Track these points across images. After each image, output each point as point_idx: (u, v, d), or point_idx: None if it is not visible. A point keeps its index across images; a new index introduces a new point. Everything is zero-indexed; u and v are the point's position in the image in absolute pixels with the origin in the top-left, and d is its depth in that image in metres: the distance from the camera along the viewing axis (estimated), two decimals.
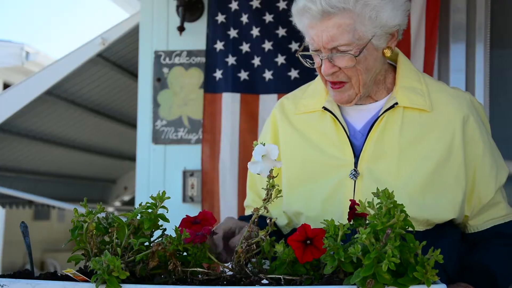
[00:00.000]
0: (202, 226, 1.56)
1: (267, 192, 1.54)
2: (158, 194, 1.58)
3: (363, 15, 1.67)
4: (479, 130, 1.77)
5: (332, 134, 1.81)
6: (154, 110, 3.78)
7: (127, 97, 5.61)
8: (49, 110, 5.11)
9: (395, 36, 1.76)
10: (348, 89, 1.75)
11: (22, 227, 1.64)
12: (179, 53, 3.78)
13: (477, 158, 1.76)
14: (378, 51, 1.74)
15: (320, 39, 1.69)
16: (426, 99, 1.78)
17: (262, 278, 1.41)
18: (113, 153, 7.14)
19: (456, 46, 3.33)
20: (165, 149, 3.78)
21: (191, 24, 3.72)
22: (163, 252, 1.44)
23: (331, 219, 1.42)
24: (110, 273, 1.36)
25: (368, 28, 1.68)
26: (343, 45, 1.68)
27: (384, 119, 1.77)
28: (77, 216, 1.56)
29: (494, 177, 1.78)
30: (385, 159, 1.74)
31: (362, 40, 1.68)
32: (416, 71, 1.85)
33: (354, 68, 1.71)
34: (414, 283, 1.27)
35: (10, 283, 1.43)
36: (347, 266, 1.33)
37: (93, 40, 4.23)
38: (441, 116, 1.76)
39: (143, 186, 3.76)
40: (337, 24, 1.66)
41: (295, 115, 1.90)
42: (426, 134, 1.75)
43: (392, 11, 1.70)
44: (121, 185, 8.30)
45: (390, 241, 1.24)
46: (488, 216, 1.80)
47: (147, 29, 3.83)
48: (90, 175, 7.61)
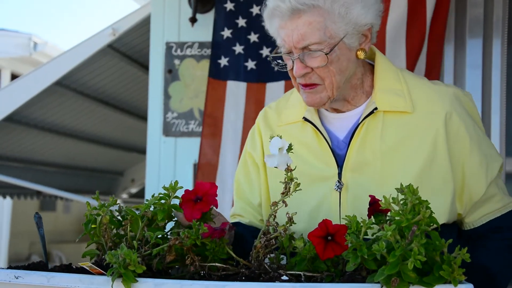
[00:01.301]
0: (205, 203, 1.53)
1: (285, 185, 1.51)
2: (170, 184, 1.56)
3: (333, 12, 1.63)
4: (464, 125, 1.71)
5: (315, 146, 1.77)
6: (165, 102, 3.76)
7: (136, 89, 5.57)
8: (58, 101, 5.08)
9: (368, 37, 1.71)
10: (320, 91, 1.70)
11: (36, 218, 1.61)
12: (190, 44, 3.75)
13: (464, 155, 1.70)
14: (351, 52, 1.69)
15: (290, 39, 1.65)
16: (407, 100, 1.72)
17: (282, 274, 1.37)
18: (121, 145, 7.12)
19: (473, 41, 3.27)
20: (175, 141, 3.75)
21: (203, 16, 3.69)
22: (180, 246, 1.41)
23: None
24: (126, 267, 1.33)
25: (339, 25, 1.65)
26: (314, 44, 1.64)
27: (365, 126, 1.72)
28: (90, 209, 1.53)
29: (484, 173, 1.71)
30: (369, 168, 1.69)
31: (334, 38, 1.64)
32: (395, 69, 1.79)
33: (327, 69, 1.67)
34: (440, 282, 1.23)
35: (25, 275, 1.40)
36: (370, 264, 1.30)
37: (103, 30, 4.20)
38: (423, 117, 1.71)
39: (153, 179, 3.74)
40: (307, 22, 1.63)
41: (278, 126, 1.86)
42: (409, 137, 1.70)
43: (363, 9, 1.66)
44: (128, 177, 8.28)
45: (416, 238, 1.20)
46: (483, 211, 1.74)
47: (159, 20, 3.80)
48: (97, 166, 7.60)
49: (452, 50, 3.28)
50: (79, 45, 4.29)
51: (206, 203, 1.52)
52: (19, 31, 9.37)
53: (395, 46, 3.07)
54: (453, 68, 3.28)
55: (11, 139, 5.46)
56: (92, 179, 7.69)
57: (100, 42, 4.24)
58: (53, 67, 4.48)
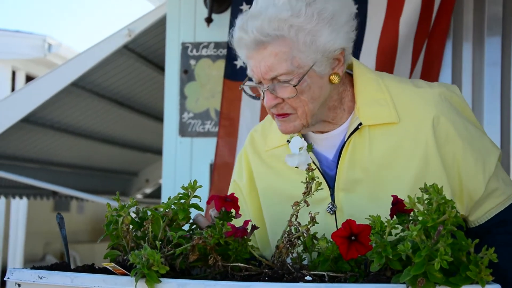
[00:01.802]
0: (233, 204, 1.55)
1: (307, 185, 1.50)
2: (189, 183, 1.56)
3: (299, 41, 1.56)
4: (453, 126, 1.65)
5: (304, 171, 1.71)
6: (181, 102, 3.76)
7: (151, 89, 5.59)
8: (74, 102, 5.11)
9: (341, 60, 1.64)
10: (294, 120, 1.65)
11: (58, 218, 1.62)
12: (206, 45, 3.75)
13: (458, 157, 1.64)
14: (323, 79, 1.62)
15: (258, 70, 1.60)
16: (391, 110, 1.66)
17: (306, 275, 1.37)
18: (135, 146, 7.15)
19: (492, 39, 3.23)
20: (191, 141, 3.75)
21: (218, 16, 3.68)
22: (204, 245, 1.41)
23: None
24: (150, 267, 1.33)
25: (307, 54, 1.58)
26: (283, 75, 1.58)
27: (351, 143, 1.67)
28: (110, 210, 1.53)
29: (481, 171, 1.66)
30: (361, 185, 1.65)
31: (303, 68, 1.58)
32: (375, 77, 1.72)
33: (298, 99, 1.61)
34: (466, 283, 1.22)
35: (49, 275, 1.40)
36: (395, 264, 1.29)
37: (119, 31, 4.21)
38: (410, 125, 1.65)
39: (169, 179, 3.74)
40: (274, 53, 1.57)
41: (265, 152, 1.82)
42: (398, 149, 1.65)
43: (331, 34, 1.59)
44: (142, 178, 8.32)
45: (441, 238, 1.19)
46: (486, 207, 1.70)
47: (174, 21, 3.80)
48: (112, 167, 7.63)
49: (470, 48, 3.25)
50: (95, 46, 4.31)
51: (234, 204, 1.54)
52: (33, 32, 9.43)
53: (406, 43, 3.05)
54: (471, 66, 3.25)
55: (27, 140, 5.49)
56: (107, 180, 7.73)
57: (116, 43, 4.25)
58: (69, 68, 4.50)
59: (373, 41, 3.03)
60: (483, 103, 3.23)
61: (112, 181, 7.91)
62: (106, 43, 4.30)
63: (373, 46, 3.02)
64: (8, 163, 5.58)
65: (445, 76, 3.21)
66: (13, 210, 8.71)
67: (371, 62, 2.99)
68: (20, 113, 4.73)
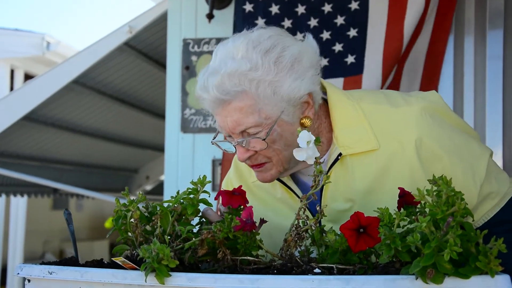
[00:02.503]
0: (242, 198, 1.54)
1: (314, 178, 1.51)
2: (199, 178, 1.55)
3: (261, 93, 1.54)
4: (437, 144, 1.60)
5: (288, 201, 1.71)
6: (183, 99, 3.76)
7: (152, 86, 5.59)
8: (75, 99, 5.11)
9: (311, 103, 1.60)
10: (270, 168, 1.64)
11: (66, 214, 1.62)
12: (207, 41, 3.75)
13: (446, 173, 1.52)
14: (294, 125, 1.59)
15: (226, 125, 1.57)
16: (371, 137, 1.61)
17: (314, 267, 1.37)
18: (136, 142, 7.15)
19: (494, 32, 3.24)
20: (193, 137, 3.75)
21: (220, 12, 3.68)
22: (212, 239, 1.41)
23: None
24: (160, 262, 1.33)
25: (272, 105, 1.55)
26: (252, 127, 1.56)
27: (333, 175, 1.64)
28: (119, 205, 1.54)
29: (471, 181, 1.63)
30: (347, 214, 1.57)
31: (271, 118, 1.56)
32: (351, 102, 1.66)
33: (271, 148, 1.59)
34: (476, 273, 1.23)
35: (59, 270, 1.41)
36: (404, 256, 1.30)
37: (120, 28, 4.21)
38: (392, 150, 1.60)
39: (172, 176, 3.75)
40: (239, 108, 1.54)
41: (252, 183, 1.79)
42: (382, 175, 1.61)
43: (295, 82, 1.55)
44: (143, 175, 8.32)
45: (451, 229, 1.20)
46: (482, 211, 1.69)
47: (176, 17, 3.80)
48: (112, 164, 7.63)
49: (472, 42, 3.25)
50: (96, 43, 4.31)
51: (242, 198, 1.54)
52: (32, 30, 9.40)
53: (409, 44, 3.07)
54: (473, 60, 3.25)
55: (28, 138, 5.49)
56: (107, 177, 7.73)
57: (117, 40, 4.25)
58: (70, 66, 4.49)
59: (378, 47, 3.04)
60: (486, 96, 3.24)
61: (113, 178, 7.90)
62: (107, 40, 4.30)
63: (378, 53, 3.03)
64: (10, 161, 5.58)
65: (447, 71, 3.22)
66: (13, 209, 8.72)
67: (377, 69, 3.00)
68: (22, 111, 4.73)
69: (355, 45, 3.10)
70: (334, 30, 3.15)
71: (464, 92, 3.26)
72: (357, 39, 3.08)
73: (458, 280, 1.23)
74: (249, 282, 1.31)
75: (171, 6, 3.81)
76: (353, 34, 3.11)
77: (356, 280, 1.28)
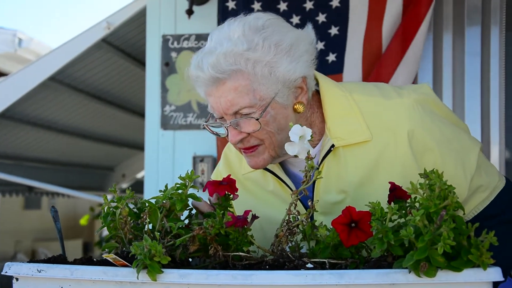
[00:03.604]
0: (229, 187, 1.53)
1: (306, 174, 1.50)
2: (187, 173, 1.54)
3: (258, 73, 1.55)
4: (429, 135, 1.61)
5: (280, 193, 1.71)
6: (163, 95, 3.74)
7: (129, 83, 5.54)
8: (51, 96, 5.04)
9: (304, 89, 1.61)
10: (263, 152, 1.63)
11: (53, 211, 1.60)
12: (187, 37, 3.73)
13: (437, 165, 1.58)
14: (287, 109, 1.60)
15: (219, 106, 1.57)
16: (363, 128, 1.62)
17: (307, 262, 1.37)
18: (112, 140, 7.08)
19: (472, 29, 3.28)
20: (174, 134, 3.74)
21: (199, 8, 3.67)
22: (204, 235, 1.41)
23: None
24: (152, 258, 1.32)
25: (267, 86, 1.56)
26: (245, 108, 1.56)
27: (325, 166, 1.64)
28: (107, 202, 1.52)
29: (461, 173, 1.64)
30: (340, 206, 1.59)
31: (265, 99, 1.56)
32: (343, 93, 1.66)
33: (264, 131, 1.59)
34: (468, 266, 1.24)
35: (48, 268, 1.39)
36: (396, 249, 1.30)
37: (98, 24, 4.16)
38: (385, 141, 1.61)
39: (152, 172, 3.73)
40: (233, 88, 1.55)
41: (242, 175, 1.78)
42: (375, 167, 1.61)
43: (290, 64, 1.57)
44: (119, 173, 8.25)
45: (444, 223, 1.21)
46: (472, 204, 1.69)
47: (155, 13, 3.78)
48: (88, 162, 7.55)
49: (450, 38, 3.29)
50: (73, 39, 4.25)
51: (230, 187, 1.52)
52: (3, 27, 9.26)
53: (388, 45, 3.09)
54: (451, 56, 3.29)
55: (3, 136, 5.41)
56: (83, 175, 7.65)
57: (94, 36, 4.20)
58: (47, 62, 4.43)
59: (357, 46, 3.05)
60: (464, 91, 3.28)
61: (88, 176, 7.82)
62: (84, 36, 4.25)
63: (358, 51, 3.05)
64: None
65: (427, 66, 3.26)
66: None
67: (356, 68, 3.01)
68: None
69: (336, 43, 3.11)
70: (315, 28, 3.16)
71: (443, 87, 3.30)
72: (338, 37, 3.10)
73: (450, 273, 1.24)
74: (243, 278, 1.30)
75: (150, 1, 3.79)
76: (334, 32, 3.12)
77: (349, 275, 1.28)
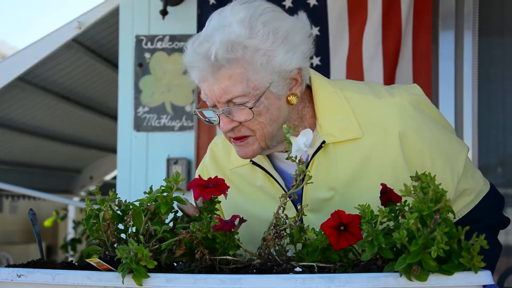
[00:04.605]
0: (216, 189, 1.49)
1: (296, 178, 1.48)
2: (172, 176, 1.51)
3: (255, 62, 1.52)
4: (419, 137, 1.62)
5: (269, 189, 1.68)
6: (136, 97, 3.69)
7: (99, 84, 5.46)
8: (19, 97, 4.93)
9: (299, 80, 1.60)
10: (252, 143, 1.61)
11: (31, 214, 1.55)
12: (161, 37, 3.69)
13: (426, 165, 1.60)
14: (281, 100, 1.58)
15: (212, 93, 1.55)
16: (354, 125, 1.62)
17: (295, 266, 1.35)
18: (80, 142, 6.98)
19: (446, 33, 3.32)
20: (147, 136, 3.69)
21: (174, 8, 3.63)
22: (190, 239, 1.38)
23: None
24: (138, 262, 1.29)
25: (262, 75, 1.54)
26: (238, 97, 1.54)
27: (315, 163, 1.63)
28: (89, 204, 1.48)
29: (449, 176, 1.64)
30: (328, 204, 1.62)
31: (259, 89, 1.54)
32: (334, 90, 1.66)
33: (256, 121, 1.57)
34: (459, 270, 1.23)
35: (28, 273, 1.34)
36: (386, 253, 1.29)
37: (69, 23, 4.08)
38: (375, 139, 1.61)
39: (124, 175, 3.67)
40: (228, 75, 1.52)
41: (230, 170, 1.75)
42: (365, 165, 1.61)
43: (287, 54, 1.55)
44: (86, 175, 8.14)
45: (438, 226, 1.20)
46: (457, 208, 1.69)
47: (128, 13, 3.73)
48: (54, 164, 7.43)
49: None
50: (43, 38, 4.16)
51: (217, 189, 1.48)
52: None
53: (371, 53, 3.10)
54: None
55: None
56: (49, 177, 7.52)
57: (65, 36, 4.12)
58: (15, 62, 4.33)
59: (342, 50, 3.06)
60: (438, 95, 3.32)
61: (54, 178, 7.70)
62: (54, 36, 4.16)
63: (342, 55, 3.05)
64: None
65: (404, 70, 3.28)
66: None
67: (341, 72, 3.03)
68: None
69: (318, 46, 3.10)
70: None
71: None
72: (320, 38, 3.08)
73: (441, 277, 1.24)
74: (231, 282, 1.28)
75: (123, 1, 3.73)
76: (315, 33, 3.10)
77: (339, 278, 1.27)
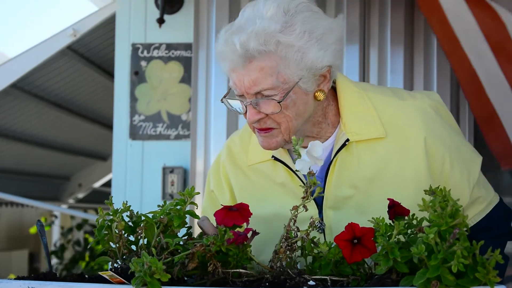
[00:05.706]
0: (240, 213, 1.46)
1: (306, 190, 1.48)
2: (187, 189, 1.50)
3: (287, 57, 1.54)
4: (442, 143, 1.65)
5: (290, 185, 1.68)
6: (132, 105, 3.67)
7: (92, 91, 5.43)
8: (11, 104, 4.89)
9: (327, 77, 1.61)
10: (276, 135, 1.62)
11: (39, 225, 1.53)
12: (157, 46, 3.68)
13: (446, 170, 1.65)
14: (308, 95, 1.60)
15: (242, 84, 1.56)
16: (378, 125, 1.64)
17: (308, 280, 1.34)
18: (69, 149, 6.92)
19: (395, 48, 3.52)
20: (143, 145, 3.67)
21: (170, 16, 3.64)
22: (203, 252, 1.36)
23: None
24: (152, 275, 1.27)
25: (293, 70, 1.55)
26: (267, 89, 1.54)
27: (338, 160, 1.64)
28: (102, 215, 1.47)
29: (466, 181, 1.68)
30: (349, 202, 1.64)
31: (288, 83, 1.55)
32: (358, 90, 1.69)
33: (282, 114, 1.58)
34: (474, 284, 1.23)
35: (40, 285, 1.32)
36: (402, 267, 1.29)
37: (64, 30, 4.05)
38: (398, 140, 1.64)
39: (120, 183, 3.64)
40: (259, 67, 1.53)
41: (248, 167, 1.75)
42: (387, 165, 1.63)
43: (319, 51, 1.56)
44: (75, 182, 8.07)
45: (457, 241, 1.20)
46: (470, 214, 1.72)
47: (124, 21, 3.71)
48: (43, 171, 7.37)
49: (376, 56, 3.52)
50: (38, 45, 4.13)
51: (241, 216, 1.46)
52: None
53: None
54: (377, 73, 3.51)
55: None
56: (37, 184, 7.45)
57: (60, 43, 4.09)
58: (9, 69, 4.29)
59: None
60: None
61: (43, 185, 7.62)
62: (49, 43, 4.13)
63: None
64: None
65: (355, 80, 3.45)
66: None
67: None
68: None
69: None
70: None
71: None
72: None
73: None
74: None
75: (120, 9, 3.72)
76: None
77: None
